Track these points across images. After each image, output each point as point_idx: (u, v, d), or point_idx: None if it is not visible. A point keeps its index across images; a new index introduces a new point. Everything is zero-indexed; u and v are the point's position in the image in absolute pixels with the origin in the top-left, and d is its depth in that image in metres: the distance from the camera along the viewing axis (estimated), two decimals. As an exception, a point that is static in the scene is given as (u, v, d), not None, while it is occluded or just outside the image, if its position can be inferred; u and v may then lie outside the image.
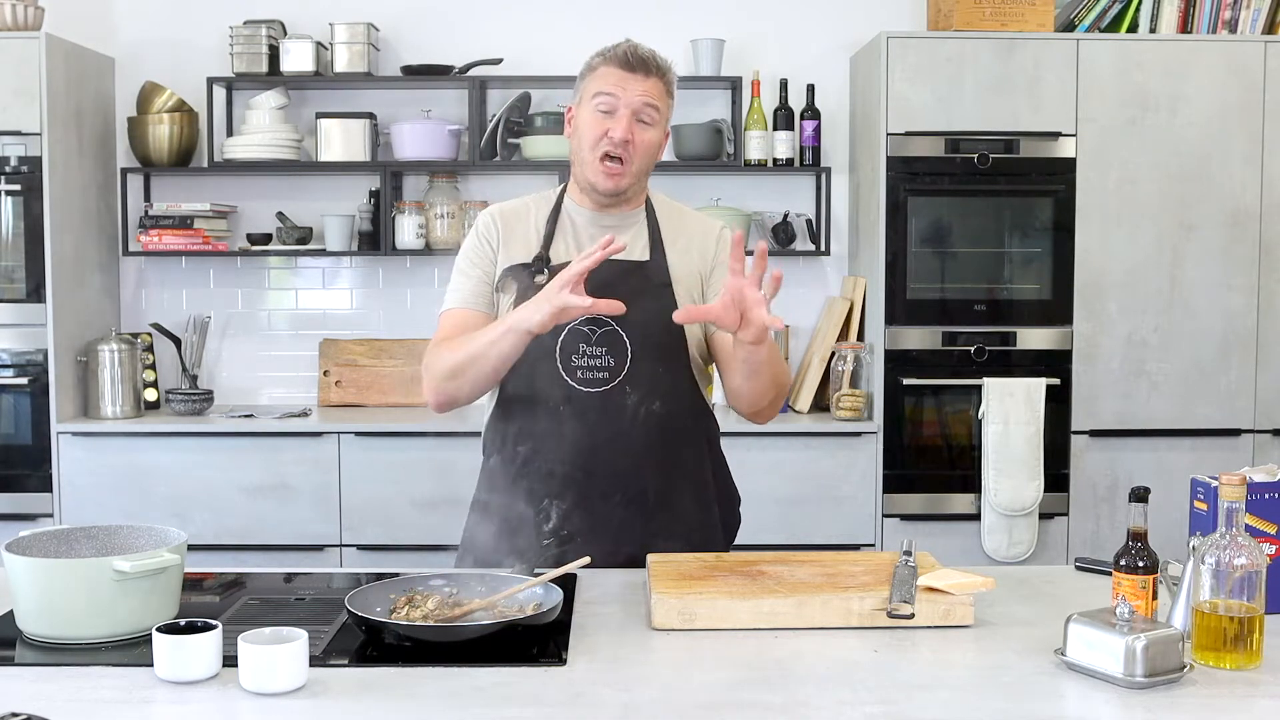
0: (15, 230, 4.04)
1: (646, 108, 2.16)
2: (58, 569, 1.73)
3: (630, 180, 2.19)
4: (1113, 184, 4.08)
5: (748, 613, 1.79)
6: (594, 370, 2.17)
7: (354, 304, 4.57)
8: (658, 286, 2.20)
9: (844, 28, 4.49)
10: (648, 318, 2.17)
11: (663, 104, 2.19)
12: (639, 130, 2.17)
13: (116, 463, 4.06)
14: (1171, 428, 4.13)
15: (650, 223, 2.27)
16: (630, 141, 2.16)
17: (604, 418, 2.16)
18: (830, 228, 4.43)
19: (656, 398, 2.18)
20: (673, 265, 2.23)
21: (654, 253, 2.24)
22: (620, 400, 2.17)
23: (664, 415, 2.19)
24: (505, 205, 2.33)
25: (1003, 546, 4.06)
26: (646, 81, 2.17)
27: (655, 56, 2.19)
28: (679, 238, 2.26)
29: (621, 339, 2.17)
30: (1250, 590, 1.63)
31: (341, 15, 4.38)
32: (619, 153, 2.16)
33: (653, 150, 2.20)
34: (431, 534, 3.99)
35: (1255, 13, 4.20)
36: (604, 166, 2.17)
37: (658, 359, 2.19)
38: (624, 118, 2.15)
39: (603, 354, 2.17)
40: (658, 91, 2.18)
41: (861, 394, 4.17)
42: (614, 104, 2.16)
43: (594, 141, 2.17)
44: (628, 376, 2.17)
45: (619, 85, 2.16)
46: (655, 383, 2.18)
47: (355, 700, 1.52)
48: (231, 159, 4.32)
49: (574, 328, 2.17)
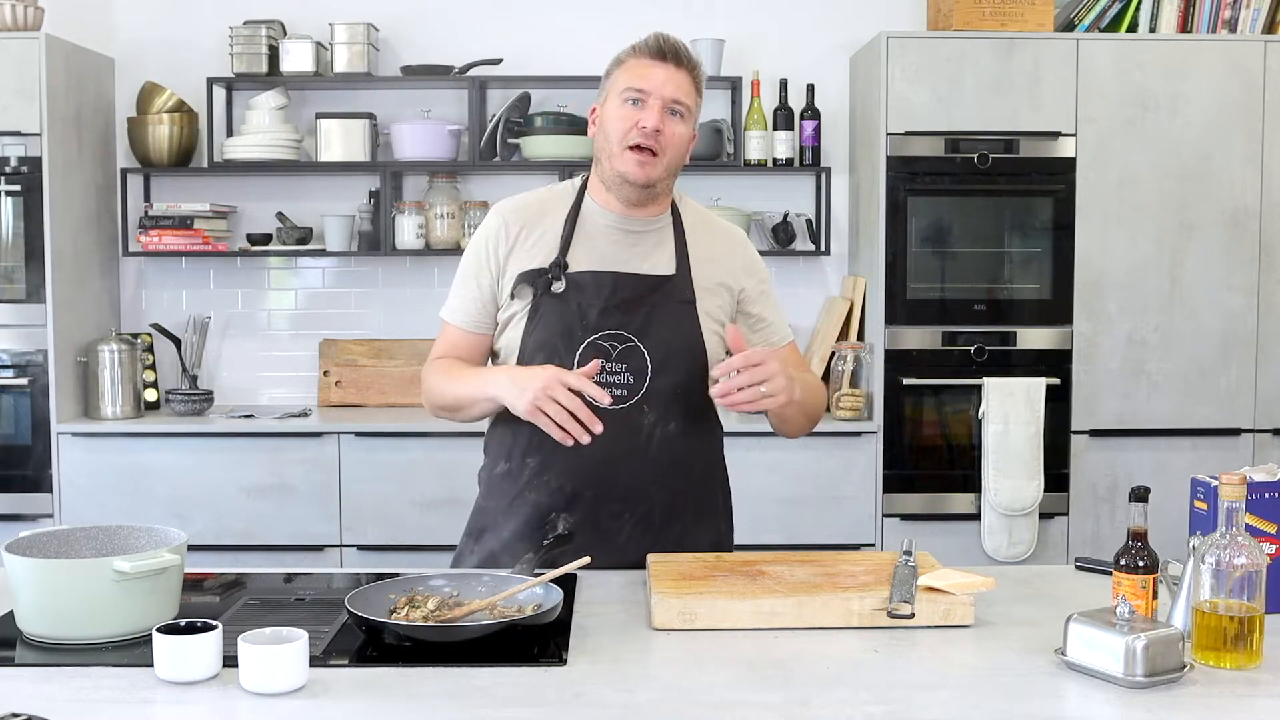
0: (15, 230, 4.04)
1: (677, 101, 2.11)
2: (58, 569, 1.73)
3: (662, 172, 2.12)
4: (1113, 184, 4.08)
5: (748, 613, 1.79)
6: (612, 388, 2.10)
7: (354, 304, 4.57)
8: (680, 304, 2.15)
9: (844, 28, 4.49)
10: (669, 335, 2.12)
11: (692, 100, 2.14)
12: (670, 122, 2.10)
13: (116, 463, 4.06)
14: (1171, 428, 4.13)
15: (677, 231, 2.20)
16: (661, 131, 2.09)
17: (619, 436, 2.09)
18: (830, 228, 4.43)
19: (673, 418, 2.14)
20: (698, 282, 2.17)
21: (680, 265, 2.17)
22: (637, 419, 2.12)
23: (678, 435, 2.14)
24: (518, 201, 2.24)
25: (1003, 546, 4.06)
26: (678, 74, 2.11)
27: (688, 50, 2.14)
28: (707, 251, 2.20)
29: (642, 356, 2.12)
30: (1250, 590, 1.63)
31: (341, 15, 4.38)
32: (650, 143, 2.09)
33: (683, 145, 2.14)
34: (431, 534, 3.99)
35: (1255, 12, 4.20)
36: (636, 155, 2.09)
37: (677, 378, 2.14)
38: (655, 108, 2.09)
39: (622, 371, 2.11)
40: (688, 86, 2.13)
41: (861, 394, 4.17)
42: (644, 96, 2.10)
43: (623, 134, 2.10)
44: (646, 395, 2.12)
45: (649, 77, 2.10)
46: (672, 402, 2.14)
47: (355, 700, 1.52)
48: (231, 159, 4.32)
49: (594, 341, 2.11)
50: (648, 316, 2.11)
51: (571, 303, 2.12)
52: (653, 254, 2.17)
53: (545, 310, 2.14)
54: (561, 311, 2.13)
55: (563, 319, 2.12)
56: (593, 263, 2.14)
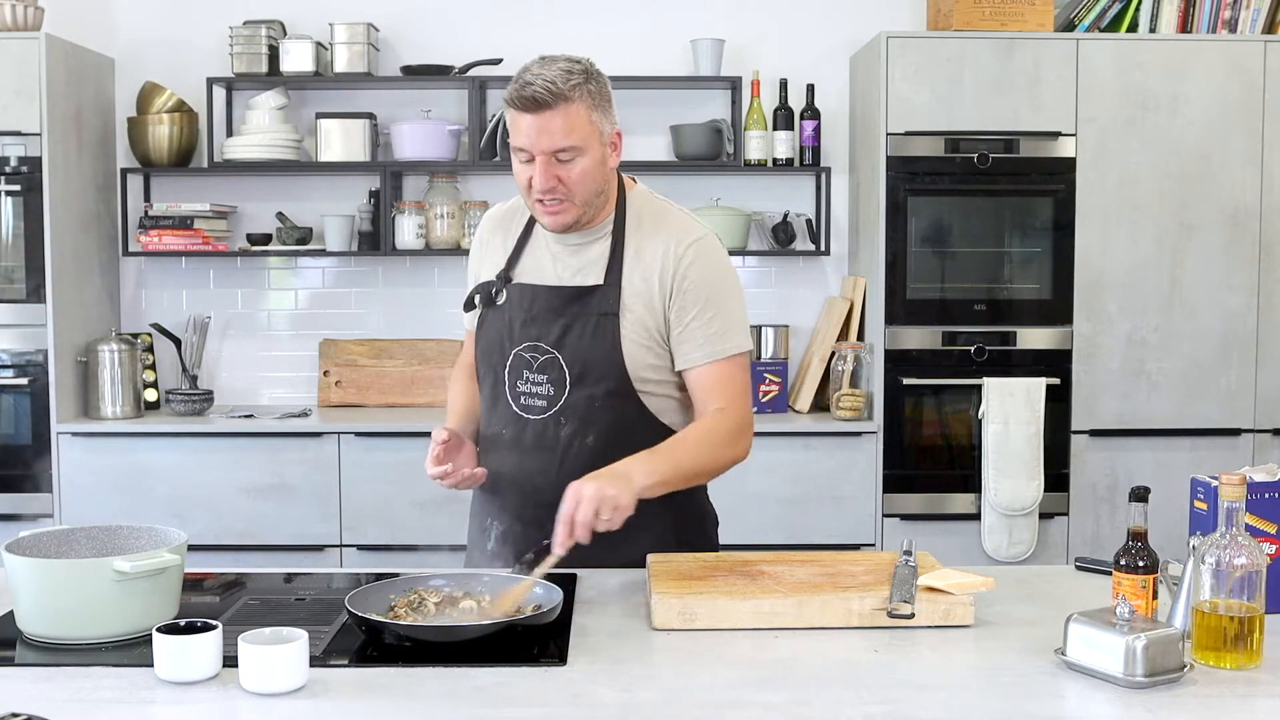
0: (15, 230, 4.04)
1: (559, 150, 2.00)
2: (58, 569, 1.73)
3: (577, 211, 2.07)
4: (1113, 184, 4.08)
5: (748, 613, 1.79)
6: (534, 398, 2.13)
7: (354, 304, 4.57)
8: (602, 316, 2.09)
9: (844, 28, 4.49)
10: (586, 347, 2.10)
11: (579, 134, 2.01)
12: (563, 169, 2.02)
13: (116, 463, 4.06)
14: (1171, 428, 4.13)
15: (616, 240, 2.13)
16: (557, 184, 2.03)
17: (538, 446, 2.13)
18: (830, 228, 4.43)
19: (591, 431, 2.10)
20: (626, 293, 2.10)
21: (609, 275, 2.11)
22: (555, 430, 2.12)
23: (599, 450, 2.07)
24: (498, 209, 2.30)
25: (1003, 546, 4.06)
26: (552, 117, 1.98)
27: (551, 87, 1.97)
28: (642, 259, 2.11)
29: (561, 368, 2.11)
30: (1250, 590, 1.63)
31: (341, 15, 4.38)
32: (550, 197, 2.04)
33: (589, 177, 2.05)
34: (431, 534, 3.99)
35: (1255, 12, 4.20)
36: (543, 208, 2.06)
37: (595, 390, 2.10)
38: (541, 164, 2.01)
39: (543, 382, 2.12)
40: (565, 125, 1.99)
41: (861, 394, 4.17)
42: (527, 154, 2.03)
43: (525, 189, 2.06)
44: (564, 407, 2.11)
45: (523, 132, 2.01)
46: (591, 415, 2.10)
47: (355, 700, 1.52)
48: (231, 159, 4.32)
49: (518, 352, 2.14)
50: (565, 328, 2.11)
51: (504, 315, 2.17)
52: (587, 265, 2.14)
53: (487, 321, 2.21)
54: (497, 323, 2.18)
55: (497, 330, 2.18)
56: (532, 275, 2.17)
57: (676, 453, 2.05)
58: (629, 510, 1.91)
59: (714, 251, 2.15)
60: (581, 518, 1.87)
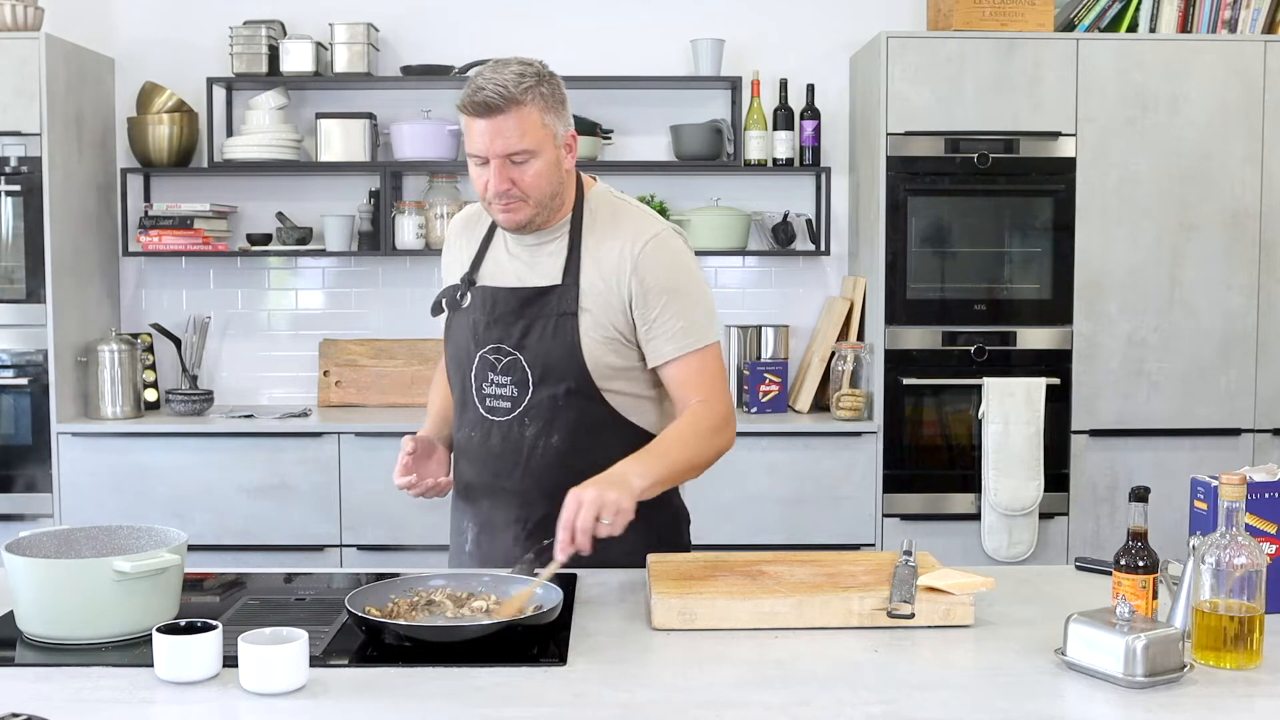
0: (15, 230, 4.04)
1: (512, 154, 2.01)
2: (58, 569, 1.73)
3: (533, 211, 2.07)
4: (1113, 184, 4.08)
5: (748, 613, 1.79)
6: (499, 400, 2.14)
7: (354, 304, 4.57)
8: (561, 316, 2.09)
9: (844, 28, 4.49)
10: (546, 348, 2.10)
11: (532, 138, 2.01)
12: (517, 171, 2.02)
13: (116, 463, 4.06)
14: (1171, 427, 4.13)
15: (574, 238, 2.13)
16: (511, 187, 2.03)
17: (503, 448, 2.14)
18: (830, 228, 4.43)
19: (556, 431, 2.11)
20: (584, 292, 2.09)
21: (567, 275, 2.10)
22: (519, 431, 2.13)
23: (565, 450, 2.10)
24: (470, 210, 2.31)
25: (1003, 546, 4.06)
26: (504, 121, 1.99)
27: (503, 91, 1.97)
28: (599, 257, 2.11)
29: (523, 369, 2.11)
30: (1250, 590, 1.64)
31: (341, 15, 4.38)
32: (505, 200, 2.04)
33: (543, 179, 2.05)
34: (431, 534, 3.97)
35: (1255, 13, 4.19)
36: (500, 208, 2.06)
37: (558, 390, 2.10)
38: (495, 170, 2.02)
39: (507, 383, 2.13)
40: (518, 128, 1.99)
41: (861, 394, 4.17)
42: (481, 158, 2.03)
43: (481, 191, 2.06)
44: (528, 408, 2.12)
45: (476, 136, 2.01)
46: (554, 416, 2.11)
47: (355, 700, 1.52)
48: (231, 159, 4.32)
49: (483, 355, 2.15)
50: (526, 329, 2.11)
51: (469, 318, 2.18)
52: (546, 265, 2.13)
53: (454, 325, 2.22)
54: (463, 326, 2.19)
55: (463, 333, 2.19)
56: (493, 277, 2.18)
57: (668, 451, 2.05)
58: (630, 514, 1.91)
59: (671, 246, 2.13)
60: (582, 523, 1.87)
